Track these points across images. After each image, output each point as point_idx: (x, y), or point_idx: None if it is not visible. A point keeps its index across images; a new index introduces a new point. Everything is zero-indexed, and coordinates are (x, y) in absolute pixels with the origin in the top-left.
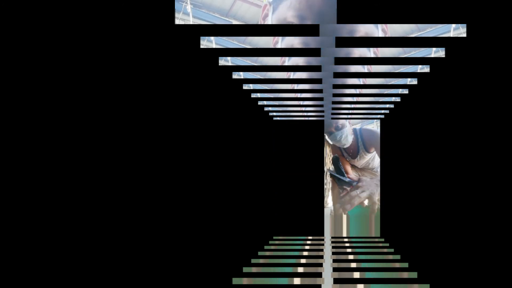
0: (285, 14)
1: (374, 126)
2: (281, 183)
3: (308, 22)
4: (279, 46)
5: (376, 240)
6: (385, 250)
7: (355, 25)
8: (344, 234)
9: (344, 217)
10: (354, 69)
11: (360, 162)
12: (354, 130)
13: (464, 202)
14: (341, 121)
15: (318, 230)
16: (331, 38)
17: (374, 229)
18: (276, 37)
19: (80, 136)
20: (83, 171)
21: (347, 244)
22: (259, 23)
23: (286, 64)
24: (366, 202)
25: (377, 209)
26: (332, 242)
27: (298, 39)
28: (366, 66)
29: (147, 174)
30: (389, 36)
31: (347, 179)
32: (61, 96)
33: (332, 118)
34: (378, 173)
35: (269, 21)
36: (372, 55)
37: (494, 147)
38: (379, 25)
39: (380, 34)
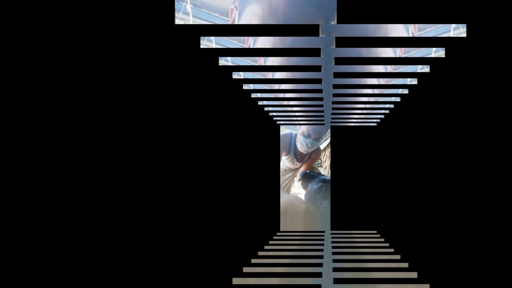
0: (250, 22)
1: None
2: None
3: None
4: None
5: (371, 234)
6: (380, 243)
7: (387, 25)
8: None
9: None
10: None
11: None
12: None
13: (464, 201)
14: (305, 129)
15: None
16: (331, 38)
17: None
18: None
19: (79, 136)
20: (83, 171)
21: (344, 238)
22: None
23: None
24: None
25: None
26: (332, 236)
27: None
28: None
29: (146, 174)
30: (390, 36)
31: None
32: (60, 96)
33: (332, 118)
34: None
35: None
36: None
37: (494, 145)
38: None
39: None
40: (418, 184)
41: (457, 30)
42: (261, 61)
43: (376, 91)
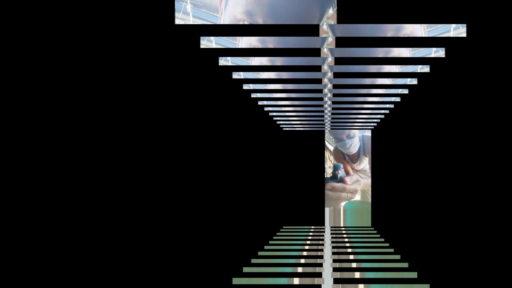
0: (234, 11)
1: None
2: (283, 181)
3: (258, 18)
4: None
5: (368, 229)
6: (377, 239)
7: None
8: (342, 225)
9: (341, 210)
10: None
11: (359, 166)
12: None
13: (464, 200)
14: (352, 130)
15: (319, 222)
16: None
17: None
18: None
19: (79, 136)
20: (83, 171)
21: (343, 233)
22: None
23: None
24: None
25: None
26: (331, 231)
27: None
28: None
29: (147, 174)
30: (390, 36)
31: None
32: (60, 96)
33: (332, 119)
34: (369, 174)
35: (223, 19)
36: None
37: (493, 145)
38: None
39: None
40: (418, 183)
41: (457, 30)
42: (251, 59)
43: (376, 91)
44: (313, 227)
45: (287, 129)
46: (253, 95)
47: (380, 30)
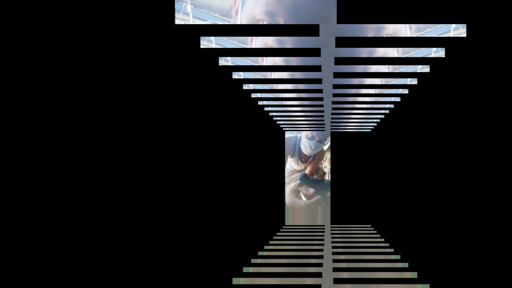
0: (253, 10)
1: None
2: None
3: (279, 19)
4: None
5: (368, 229)
6: (377, 239)
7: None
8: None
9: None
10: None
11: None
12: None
13: (464, 200)
14: (310, 132)
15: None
16: (330, 38)
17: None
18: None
19: (79, 136)
20: (82, 171)
21: (344, 233)
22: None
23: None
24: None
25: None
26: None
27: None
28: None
29: (146, 174)
30: (390, 36)
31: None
32: (59, 96)
33: (332, 118)
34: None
35: (239, 19)
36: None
37: (493, 145)
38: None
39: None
40: (419, 183)
41: (457, 30)
42: (260, 60)
43: (376, 91)
44: (312, 226)
45: (287, 129)
46: (253, 95)
47: (362, 30)
